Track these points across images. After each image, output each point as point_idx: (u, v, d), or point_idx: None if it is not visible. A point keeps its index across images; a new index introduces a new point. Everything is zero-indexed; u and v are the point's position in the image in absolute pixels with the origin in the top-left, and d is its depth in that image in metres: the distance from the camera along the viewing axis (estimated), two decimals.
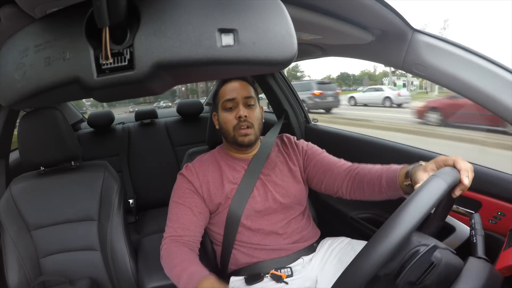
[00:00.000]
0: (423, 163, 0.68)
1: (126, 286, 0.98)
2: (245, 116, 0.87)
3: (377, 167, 0.83)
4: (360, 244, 0.87)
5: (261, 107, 0.97)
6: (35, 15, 0.43)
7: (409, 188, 0.70)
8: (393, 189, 0.76)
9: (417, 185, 0.58)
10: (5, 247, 0.97)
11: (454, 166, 0.60)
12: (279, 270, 0.85)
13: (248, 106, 0.90)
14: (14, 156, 1.40)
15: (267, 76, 1.62)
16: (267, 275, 0.85)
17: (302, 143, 1.00)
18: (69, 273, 0.99)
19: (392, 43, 0.77)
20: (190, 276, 0.72)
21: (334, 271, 0.83)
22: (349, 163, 0.91)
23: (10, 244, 0.96)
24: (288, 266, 0.87)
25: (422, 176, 0.62)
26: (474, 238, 0.62)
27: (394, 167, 0.78)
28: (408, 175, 0.69)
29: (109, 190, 1.03)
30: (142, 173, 1.90)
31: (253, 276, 0.85)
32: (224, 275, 0.91)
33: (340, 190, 0.90)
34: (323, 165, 0.93)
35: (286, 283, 0.83)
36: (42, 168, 1.05)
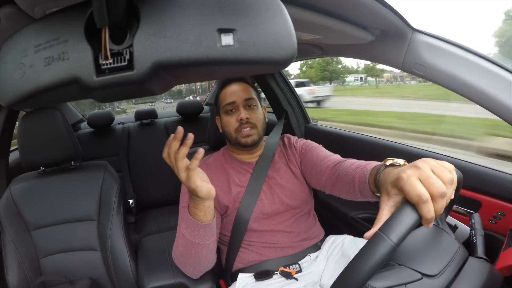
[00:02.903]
0: (389, 161, 0.58)
1: (126, 286, 0.98)
2: (247, 118, 0.88)
3: (353, 167, 0.74)
4: (363, 241, 0.86)
5: (264, 107, 0.97)
6: (34, 15, 0.43)
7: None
8: (368, 196, 0.67)
9: (368, 234, 0.45)
10: (5, 247, 0.97)
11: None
12: (288, 267, 0.85)
13: (249, 107, 0.90)
14: (14, 156, 1.40)
15: (267, 76, 1.62)
16: (276, 272, 0.85)
17: (299, 142, 1.00)
18: (69, 273, 0.98)
19: (392, 43, 0.77)
20: (183, 220, 0.74)
21: (337, 265, 0.83)
22: (338, 160, 0.84)
23: (10, 244, 0.96)
24: (297, 262, 0.87)
25: (384, 204, 0.50)
26: (474, 238, 0.62)
27: (366, 169, 0.68)
28: (377, 184, 0.59)
29: (109, 190, 1.03)
30: (142, 173, 1.90)
31: (262, 273, 0.85)
32: (228, 273, 0.92)
33: (326, 189, 0.86)
34: (311, 162, 0.91)
35: (296, 279, 0.83)
36: (42, 168, 1.05)
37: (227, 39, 0.28)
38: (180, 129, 0.59)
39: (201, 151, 0.61)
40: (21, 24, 0.32)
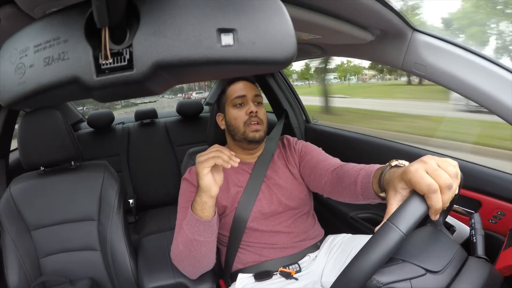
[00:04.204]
0: (394, 162, 0.59)
1: (126, 286, 0.98)
2: (256, 112, 0.88)
3: (355, 169, 0.75)
4: (361, 237, 0.87)
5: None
6: (34, 15, 0.43)
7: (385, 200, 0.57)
8: (370, 197, 0.68)
9: (377, 228, 0.45)
10: (5, 247, 0.97)
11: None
12: (287, 267, 0.85)
13: (257, 104, 0.92)
14: (14, 156, 1.40)
15: (267, 76, 1.63)
16: (275, 273, 0.85)
17: (299, 144, 1.00)
18: (69, 273, 0.99)
19: (392, 42, 0.77)
20: (186, 217, 0.76)
21: (336, 262, 0.84)
22: (338, 163, 0.85)
23: (10, 244, 0.96)
24: (296, 262, 0.87)
25: (392, 198, 0.50)
26: (474, 237, 0.62)
27: (370, 170, 0.69)
28: (382, 184, 0.60)
29: (109, 190, 1.03)
30: (142, 173, 1.90)
31: (261, 273, 0.85)
32: (227, 273, 0.92)
33: (324, 192, 0.86)
34: (310, 165, 0.91)
35: (296, 279, 0.83)
36: (42, 168, 1.05)
37: (227, 39, 0.28)
38: (238, 160, 0.71)
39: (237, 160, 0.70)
40: (21, 24, 0.32)
